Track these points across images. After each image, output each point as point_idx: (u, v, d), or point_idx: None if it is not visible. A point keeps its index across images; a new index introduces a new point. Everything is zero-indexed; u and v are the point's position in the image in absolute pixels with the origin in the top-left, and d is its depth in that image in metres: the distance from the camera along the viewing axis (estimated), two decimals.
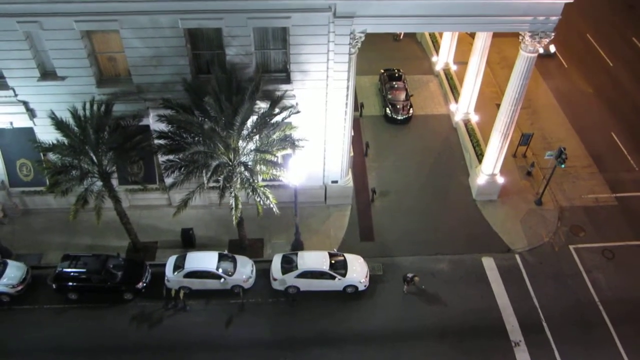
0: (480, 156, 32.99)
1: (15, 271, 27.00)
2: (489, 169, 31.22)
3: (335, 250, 28.60)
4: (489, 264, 28.84)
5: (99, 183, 25.51)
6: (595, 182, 33.84)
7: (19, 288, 26.82)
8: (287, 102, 26.15)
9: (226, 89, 24.05)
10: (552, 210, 31.93)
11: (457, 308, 26.68)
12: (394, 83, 39.48)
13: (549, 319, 26.36)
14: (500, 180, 31.69)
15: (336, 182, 30.83)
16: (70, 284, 26.40)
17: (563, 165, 30.49)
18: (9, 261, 27.40)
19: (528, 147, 34.94)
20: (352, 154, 32.11)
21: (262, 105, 25.26)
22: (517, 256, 29.31)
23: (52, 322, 26.08)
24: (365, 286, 27.20)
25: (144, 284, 27.03)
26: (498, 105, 29.83)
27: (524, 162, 34.88)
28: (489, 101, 38.59)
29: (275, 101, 25.59)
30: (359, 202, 32.10)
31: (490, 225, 30.93)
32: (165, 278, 26.85)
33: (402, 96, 38.49)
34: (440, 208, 31.87)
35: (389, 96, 38.55)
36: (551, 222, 31.26)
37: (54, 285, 26.47)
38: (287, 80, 26.32)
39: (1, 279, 26.52)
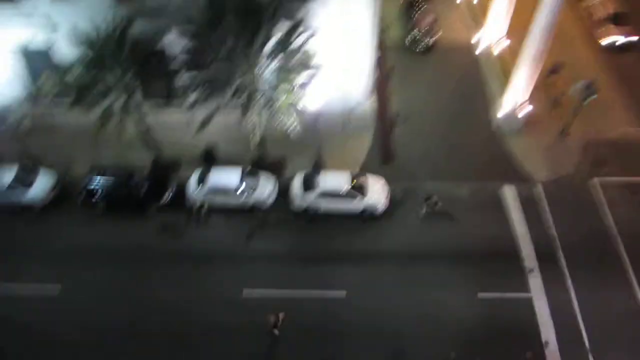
0: (507, 85, 32.18)
1: (45, 181, 27.94)
2: (515, 98, 30.55)
3: (355, 172, 28.79)
4: (509, 192, 28.82)
5: (123, 99, 25.69)
6: (625, 115, 32.96)
7: (49, 198, 27.80)
8: (309, 23, 25.57)
9: (247, 8, 23.55)
10: (578, 143, 31.36)
11: (474, 233, 26.93)
12: (420, 8, 38.15)
13: (564, 248, 26.48)
14: (526, 109, 31.06)
15: (358, 105, 30.55)
16: (97, 196, 27.27)
17: (591, 98, 29.58)
18: (39, 171, 28.23)
19: (557, 77, 33.84)
20: (374, 77, 31.60)
21: (283, 27, 24.77)
22: (538, 186, 29.17)
23: (79, 232, 27.11)
24: (384, 209, 27.53)
25: (168, 198, 27.79)
26: (528, 34, 28.75)
27: (552, 92, 33.93)
28: (518, 30, 37.11)
29: (297, 23, 25.05)
30: (381, 127, 31.90)
31: (513, 155, 30.66)
32: (188, 193, 27.52)
33: (428, 21, 37.28)
34: (464, 136, 31.56)
35: (414, 21, 37.38)
36: (576, 154, 30.80)
37: (81, 198, 27.38)
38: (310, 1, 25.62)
39: (32, 188, 27.51)
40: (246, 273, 25.47)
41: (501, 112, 31.29)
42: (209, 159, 29.33)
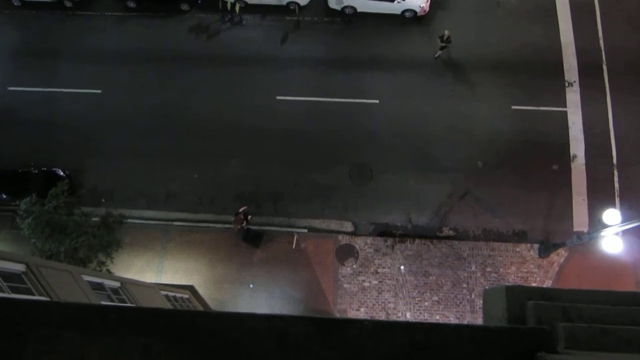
0: None
1: None
2: None
3: None
4: None
5: None
6: None
7: None
8: None
9: None
10: None
11: (517, 41, 25.57)
12: None
13: (611, 64, 25.05)
14: None
15: None
16: None
17: None
18: None
19: None
20: None
21: None
22: None
23: (113, 28, 26.91)
24: (424, 12, 26.06)
25: None
26: None
27: None
28: None
29: None
30: None
31: None
32: None
33: None
34: None
35: None
36: None
37: None
38: None
39: None
40: (280, 78, 25.43)
41: None
42: None
